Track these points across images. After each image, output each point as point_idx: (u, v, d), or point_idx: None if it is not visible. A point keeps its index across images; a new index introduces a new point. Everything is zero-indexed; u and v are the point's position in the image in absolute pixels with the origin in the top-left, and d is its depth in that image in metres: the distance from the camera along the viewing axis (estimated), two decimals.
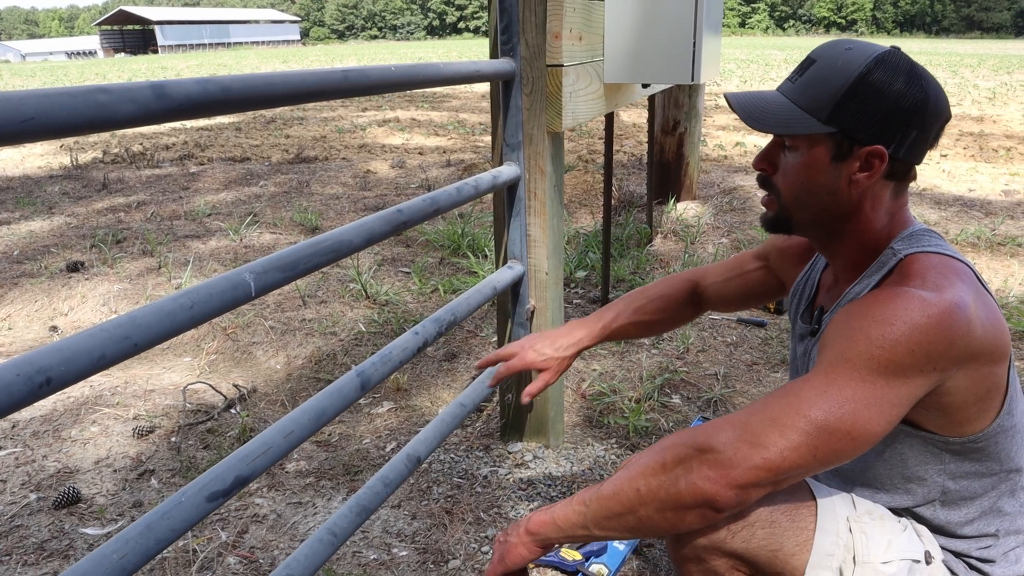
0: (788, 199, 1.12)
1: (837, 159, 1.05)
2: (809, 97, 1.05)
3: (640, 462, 1.03)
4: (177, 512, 0.93)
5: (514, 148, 1.92)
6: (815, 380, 0.96)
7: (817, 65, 1.05)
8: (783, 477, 0.95)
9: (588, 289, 3.72)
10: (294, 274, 1.10)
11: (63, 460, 2.34)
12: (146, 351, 3.20)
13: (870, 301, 1.00)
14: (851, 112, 1.02)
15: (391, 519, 2.00)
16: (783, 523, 1.07)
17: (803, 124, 1.04)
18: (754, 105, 1.09)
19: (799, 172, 1.08)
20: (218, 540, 1.93)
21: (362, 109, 12.01)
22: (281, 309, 3.53)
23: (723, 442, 0.96)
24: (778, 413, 0.95)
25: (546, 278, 2.09)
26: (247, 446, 1.04)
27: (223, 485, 0.99)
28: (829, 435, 0.93)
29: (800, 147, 1.07)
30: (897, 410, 0.96)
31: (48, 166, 7.69)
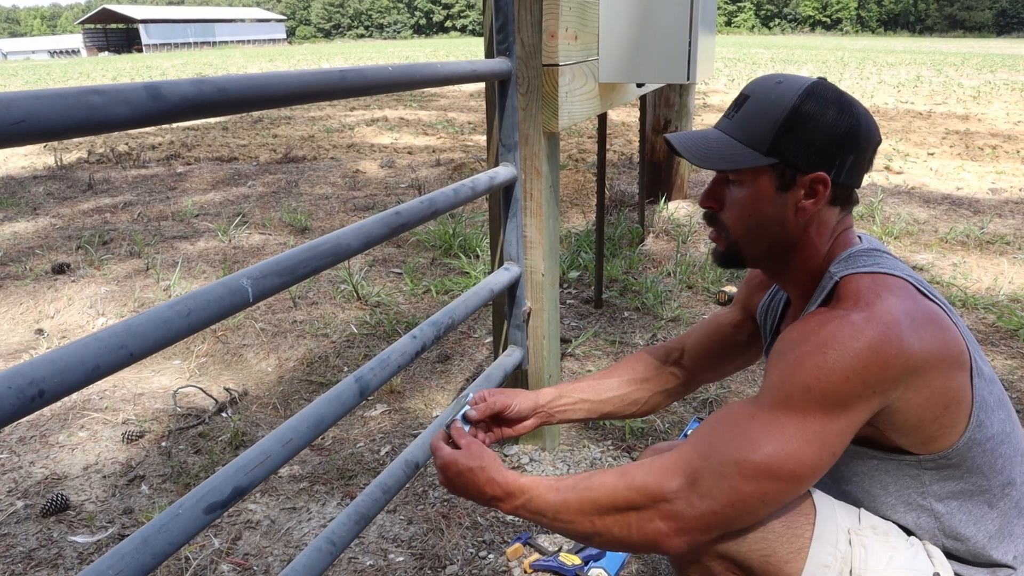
0: (737, 233, 1.12)
1: (782, 189, 1.07)
2: (748, 132, 1.07)
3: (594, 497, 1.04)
4: (174, 525, 0.90)
5: (510, 148, 1.90)
6: (759, 417, 0.98)
7: (751, 100, 1.08)
8: (731, 523, 0.99)
9: (581, 289, 3.71)
10: (292, 279, 1.07)
11: (51, 466, 2.30)
12: None
13: (804, 328, 1.01)
14: (790, 142, 1.04)
15: (387, 524, 1.97)
16: (777, 529, 1.05)
17: (746, 158, 1.06)
18: (697, 144, 1.10)
19: (746, 205, 1.10)
20: (211, 547, 1.90)
21: (350, 108, 11.94)
22: (272, 311, 3.50)
23: (672, 491, 0.98)
24: (724, 460, 0.97)
25: (542, 279, 2.07)
26: (245, 455, 1.02)
27: (221, 496, 0.96)
28: (775, 480, 0.96)
29: (745, 181, 1.09)
30: (840, 440, 0.97)
31: (32, 166, 7.60)
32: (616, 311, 3.41)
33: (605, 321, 3.30)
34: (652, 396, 1.44)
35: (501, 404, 1.30)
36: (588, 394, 1.41)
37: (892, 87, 14.37)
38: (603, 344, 3.05)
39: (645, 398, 1.44)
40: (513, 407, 1.32)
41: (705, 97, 12.04)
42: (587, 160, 6.85)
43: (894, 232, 4.50)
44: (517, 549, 1.81)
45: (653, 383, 1.45)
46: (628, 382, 1.44)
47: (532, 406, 1.35)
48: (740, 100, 1.10)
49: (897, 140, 7.99)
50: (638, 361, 1.48)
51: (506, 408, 1.31)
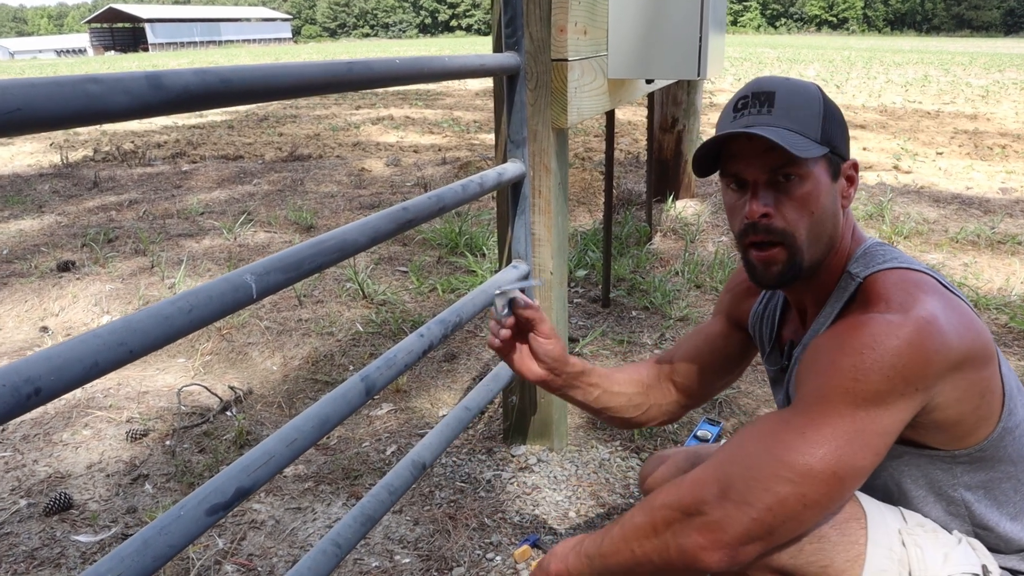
0: (801, 238, 1.03)
1: (833, 178, 1.04)
2: (800, 122, 1.01)
3: (632, 521, 1.02)
4: (175, 527, 0.87)
5: (518, 145, 1.87)
6: (794, 422, 0.94)
7: (781, 94, 1.03)
8: (774, 532, 0.93)
9: (588, 288, 3.68)
10: (297, 275, 1.05)
11: (54, 465, 2.28)
12: None
13: (838, 332, 0.97)
14: (833, 130, 1.03)
15: (393, 525, 1.95)
16: (832, 537, 1.01)
17: (811, 147, 1.00)
18: (779, 135, 1.00)
19: (809, 200, 1.02)
20: (215, 547, 1.87)
21: (356, 107, 11.93)
22: (277, 309, 3.48)
23: (709, 503, 0.94)
24: (760, 463, 0.93)
25: (551, 278, 2.04)
26: (248, 456, 0.99)
27: (223, 498, 0.94)
28: (815, 481, 0.91)
29: (805, 175, 1.01)
30: (883, 440, 0.93)
31: (38, 164, 7.60)
32: (624, 310, 3.38)
33: (613, 320, 3.27)
34: (651, 407, 1.41)
35: (546, 328, 1.24)
36: (604, 382, 1.37)
37: (899, 86, 14.30)
38: (611, 344, 3.02)
39: (645, 406, 1.40)
40: (550, 341, 1.25)
41: (712, 96, 11.99)
42: (594, 159, 6.81)
43: (904, 232, 4.45)
44: (525, 551, 1.78)
45: (652, 394, 1.42)
46: (634, 384, 1.41)
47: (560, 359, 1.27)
48: (767, 96, 1.03)
49: (905, 139, 7.94)
50: (643, 368, 1.45)
51: (544, 336, 1.24)
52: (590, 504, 2.03)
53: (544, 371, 1.28)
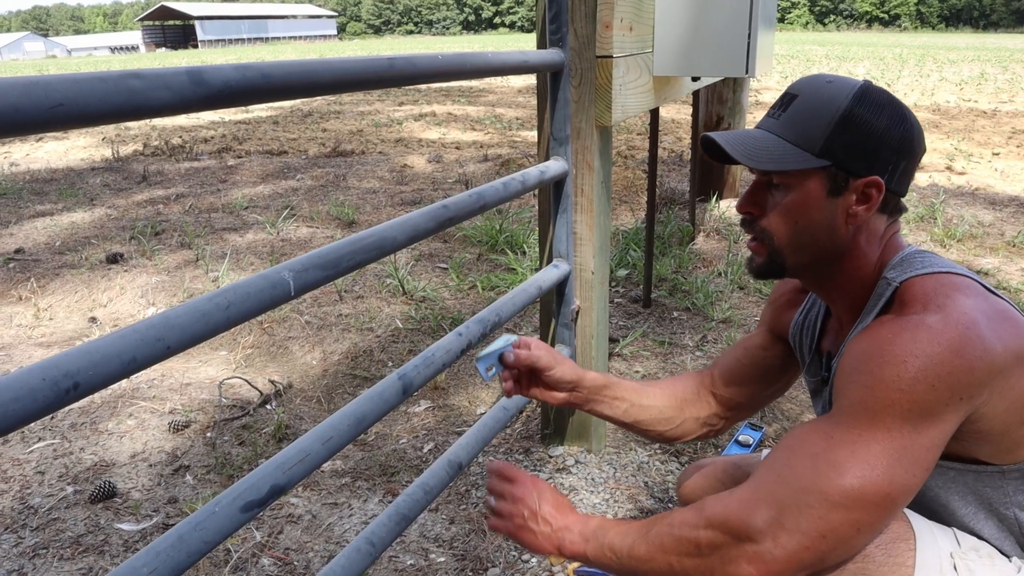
0: (782, 241, 1.04)
1: (833, 193, 1.00)
2: (798, 132, 1.00)
3: (673, 534, 0.97)
4: (210, 523, 0.87)
5: (561, 142, 1.85)
6: (841, 438, 0.90)
7: (800, 100, 1.01)
8: (826, 559, 0.90)
9: (629, 288, 3.63)
10: (335, 272, 1.04)
11: (100, 453, 2.33)
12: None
13: (876, 339, 0.93)
14: (843, 144, 0.98)
15: (429, 523, 1.94)
16: (877, 558, 0.97)
17: (797, 159, 0.99)
18: (743, 142, 1.03)
19: (793, 210, 1.02)
20: (252, 540, 1.89)
21: (399, 103, 12.00)
22: (317, 304, 3.50)
23: (759, 529, 0.90)
24: (810, 485, 0.89)
25: (592, 278, 2.01)
26: (284, 453, 0.99)
27: (258, 495, 0.93)
28: (868, 505, 0.87)
29: (792, 184, 1.01)
30: (932, 454, 0.89)
31: (91, 158, 7.79)
32: (665, 311, 3.33)
33: (654, 321, 3.23)
34: (685, 420, 1.36)
35: (544, 363, 1.21)
36: (631, 395, 1.34)
37: (954, 85, 13.90)
38: (651, 344, 2.98)
39: (679, 419, 1.36)
40: (554, 371, 1.23)
41: (758, 95, 11.79)
42: (636, 156, 6.75)
43: (957, 235, 4.32)
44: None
45: (689, 407, 1.37)
46: (668, 396, 1.37)
47: (574, 380, 1.26)
48: (787, 99, 1.03)
49: (959, 139, 7.70)
50: (679, 381, 1.41)
51: (546, 369, 1.23)
52: (628, 508, 2.00)
53: (564, 394, 1.27)
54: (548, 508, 1.11)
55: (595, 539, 1.06)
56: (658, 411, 1.35)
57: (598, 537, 1.06)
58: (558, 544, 1.09)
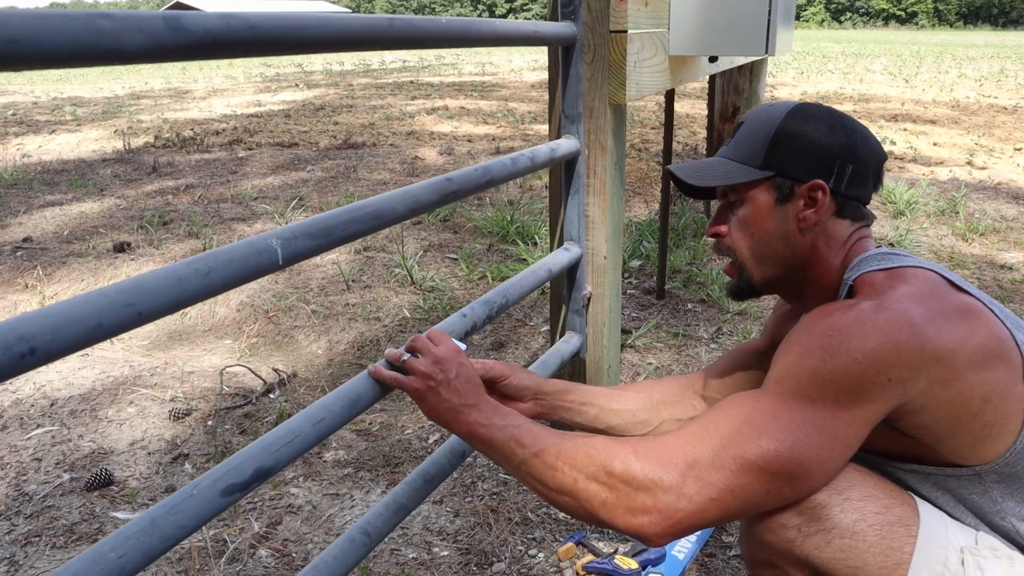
0: (744, 254, 1.10)
1: (781, 201, 1.06)
2: (743, 151, 1.09)
3: (591, 454, 0.93)
4: (187, 506, 0.81)
5: (573, 120, 1.77)
6: (767, 404, 0.91)
7: (745, 124, 1.10)
8: (730, 515, 0.90)
9: (643, 279, 3.55)
10: (328, 242, 0.97)
11: (98, 440, 2.27)
12: (188, 332, 3.12)
13: (811, 317, 0.96)
14: (782, 153, 1.05)
15: (432, 516, 1.87)
16: (869, 538, 0.93)
17: (741, 173, 1.07)
18: (694, 168, 1.12)
19: (748, 222, 1.09)
20: (250, 531, 1.83)
21: (411, 98, 11.95)
22: (324, 293, 3.44)
23: (670, 480, 0.89)
24: (729, 443, 0.89)
25: (604, 263, 1.94)
26: (271, 434, 0.92)
27: (241, 477, 0.87)
28: (780, 469, 0.88)
29: (744, 198, 1.08)
30: (854, 431, 0.90)
31: (102, 150, 7.78)
32: (679, 303, 3.24)
33: (668, 312, 3.14)
34: (664, 422, 1.31)
35: (497, 371, 1.20)
36: (599, 399, 1.30)
37: (974, 81, 13.69)
38: (665, 336, 2.90)
39: (655, 421, 1.31)
40: (511, 378, 1.21)
41: (773, 90, 11.66)
42: (650, 149, 6.66)
43: (979, 229, 4.20)
44: (569, 549, 1.68)
45: (668, 408, 1.33)
46: (641, 399, 1.33)
47: (532, 387, 1.23)
48: (737, 127, 1.12)
49: (980, 135, 7.56)
50: (659, 383, 1.38)
51: (501, 378, 1.20)
52: None
53: (527, 404, 1.24)
54: (464, 382, 1.06)
55: (503, 427, 1.01)
56: (631, 414, 1.31)
57: (507, 427, 1.01)
58: (461, 419, 1.04)
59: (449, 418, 1.03)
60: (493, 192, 5.28)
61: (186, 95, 13.66)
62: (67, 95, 15.03)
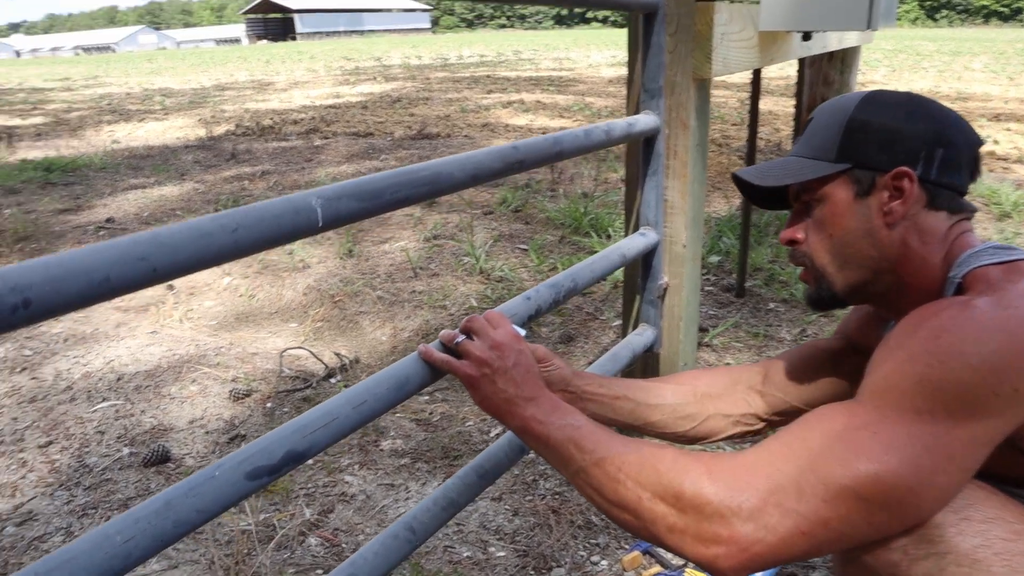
0: (823, 259, 0.98)
1: (861, 195, 0.94)
2: (814, 145, 0.98)
3: (659, 470, 0.81)
4: (207, 489, 0.72)
5: (653, 95, 1.64)
6: (864, 417, 0.77)
7: (815, 118, 1.00)
8: (821, 550, 0.77)
9: (721, 276, 3.37)
10: (375, 205, 0.87)
11: (159, 417, 2.26)
12: (255, 314, 3.10)
13: (916, 316, 0.83)
14: (859, 142, 0.94)
15: (490, 513, 1.77)
16: (995, 568, 0.77)
17: (813, 169, 0.96)
18: (761, 170, 1.02)
19: (826, 223, 0.96)
20: (301, 517, 1.76)
21: (487, 91, 11.91)
22: (391, 279, 3.39)
23: (749, 507, 0.76)
24: (819, 465, 0.76)
25: (683, 252, 1.80)
26: (306, 415, 0.83)
27: (270, 460, 0.78)
28: (883, 494, 0.74)
29: (820, 197, 0.97)
30: (971, 452, 0.76)
31: (186, 137, 7.99)
32: (760, 302, 3.06)
33: (747, 311, 2.96)
34: (711, 417, 1.16)
35: (541, 353, 1.09)
36: (635, 393, 1.15)
37: None
38: (744, 336, 2.72)
39: (702, 416, 1.16)
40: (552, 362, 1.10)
41: (862, 88, 11.14)
42: (731, 145, 6.41)
43: None
44: (635, 558, 1.55)
45: (715, 402, 1.17)
46: (685, 392, 1.18)
47: (563, 379, 1.11)
48: (806, 123, 1.02)
49: None
50: (703, 373, 1.23)
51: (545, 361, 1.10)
52: None
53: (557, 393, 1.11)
54: (523, 371, 0.94)
55: (562, 427, 0.89)
56: (672, 409, 1.16)
57: (566, 427, 0.89)
58: (516, 412, 0.92)
59: (504, 410, 0.93)
60: (567, 184, 5.15)
61: (268, 87, 13.99)
62: (158, 86, 15.61)
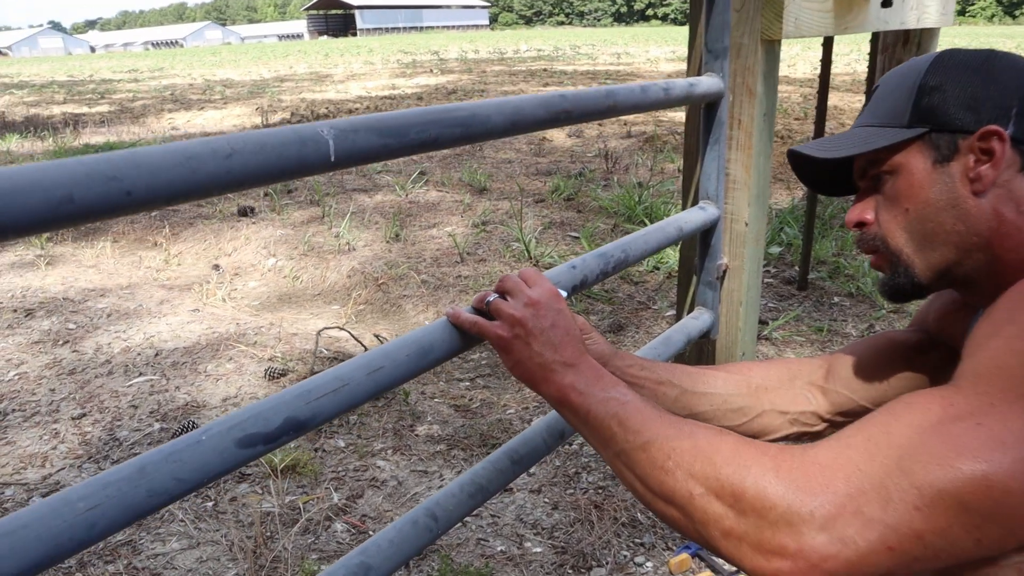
0: (898, 241, 0.82)
1: (942, 160, 0.78)
2: (881, 112, 0.83)
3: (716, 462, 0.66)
4: (190, 455, 0.62)
5: (717, 56, 1.50)
6: (966, 406, 0.62)
7: (881, 86, 0.86)
8: (911, 567, 0.61)
9: (782, 268, 3.19)
10: (398, 143, 0.76)
11: (193, 394, 2.21)
12: (298, 295, 3.04)
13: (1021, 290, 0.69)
14: (936, 102, 0.79)
15: (528, 506, 1.66)
16: None
17: (884, 136, 0.81)
18: (821, 142, 0.87)
19: (901, 197, 0.81)
20: (329, 501, 1.67)
21: (543, 84, 11.79)
22: (437, 264, 3.30)
23: (823, 514, 0.61)
24: (906, 463, 0.61)
25: (745, 231, 1.65)
26: (312, 379, 0.73)
27: (266, 427, 0.68)
28: (994, 500, 0.58)
29: (891, 168, 0.81)
30: None
31: (242, 124, 8.07)
32: (824, 295, 2.87)
33: (810, 305, 2.78)
34: (765, 413, 0.99)
35: (581, 322, 0.93)
36: (681, 378, 0.99)
37: None
38: (806, 330, 2.55)
39: (755, 411, 0.99)
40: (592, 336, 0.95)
41: None
42: (795, 138, 6.16)
43: None
44: (684, 561, 1.42)
45: (773, 397, 1.00)
46: (737, 382, 1.01)
47: (602, 355, 0.95)
48: (870, 93, 0.87)
49: None
50: (758, 365, 1.05)
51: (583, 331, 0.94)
52: None
53: None
54: (561, 333, 0.81)
55: (604, 400, 0.76)
56: (722, 399, 0.99)
57: (609, 400, 0.75)
58: (553, 378, 0.79)
59: (539, 376, 0.80)
60: (621, 173, 5.00)
61: (326, 79, 14.11)
62: (220, 78, 15.90)
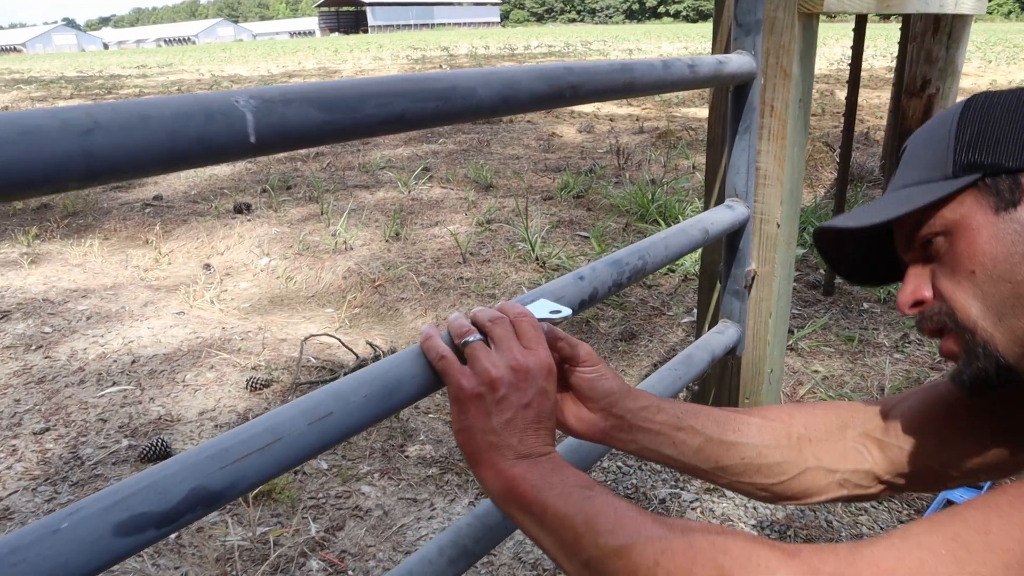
0: (971, 313, 0.65)
1: (1005, 206, 0.63)
2: (918, 171, 0.69)
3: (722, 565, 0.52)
4: (44, 550, 0.44)
5: (748, 31, 1.30)
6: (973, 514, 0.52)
7: (908, 147, 0.73)
8: None
9: (806, 272, 2.99)
10: (349, 120, 0.58)
11: (168, 406, 2.03)
12: (291, 297, 2.86)
13: None
14: (983, 142, 0.65)
15: (527, 543, 1.47)
16: None
17: (929, 191, 0.66)
18: (855, 212, 0.72)
19: (963, 261, 0.65)
20: (305, 534, 1.49)
21: None
22: (438, 264, 3.12)
23: None
24: None
25: (776, 232, 1.46)
26: (233, 433, 0.55)
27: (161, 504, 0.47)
28: None
29: (945, 229, 0.66)
30: None
31: None
32: (852, 301, 2.67)
33: (838, 312, 2.58)
34: (810, 471, 0.79)
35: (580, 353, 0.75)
36: (705, 424, 0.78)
37: None
38: (835, 340, 2.35)
39: (797, 467, 0.79)
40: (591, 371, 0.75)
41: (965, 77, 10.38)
42: (813, 134, 5.94)
43: None
44: None
45: (818, 449, 0.79)
46: (775, 431, 0.80)
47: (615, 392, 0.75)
48: (898, 157, 0.75)
49: None
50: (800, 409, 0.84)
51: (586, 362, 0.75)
52: None
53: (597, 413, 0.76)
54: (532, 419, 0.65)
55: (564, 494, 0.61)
56: (756, 452, 0.79)
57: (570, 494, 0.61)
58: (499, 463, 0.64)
59: (484, 458, 0.63)
60: (634, 170, 4.80)
61: (334, 74, 13.95)
62: (228, 73, 15.77)
